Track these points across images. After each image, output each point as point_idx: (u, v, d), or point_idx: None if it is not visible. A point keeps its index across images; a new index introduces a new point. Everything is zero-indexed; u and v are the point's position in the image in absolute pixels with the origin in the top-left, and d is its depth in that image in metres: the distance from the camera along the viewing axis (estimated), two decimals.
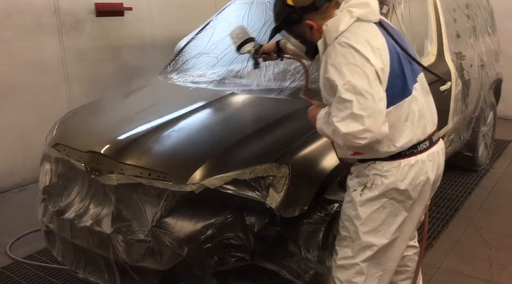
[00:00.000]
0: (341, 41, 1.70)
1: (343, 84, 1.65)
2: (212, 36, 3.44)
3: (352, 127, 1.64)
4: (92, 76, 4.90)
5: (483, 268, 2.94)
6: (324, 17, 1.80)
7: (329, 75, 1.70)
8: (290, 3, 1.83)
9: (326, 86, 1.77)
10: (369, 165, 1.88)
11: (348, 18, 1.74)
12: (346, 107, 1.65)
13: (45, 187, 2.61)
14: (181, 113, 2.57)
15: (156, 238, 2.07)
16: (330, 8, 1.81)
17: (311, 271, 2.10)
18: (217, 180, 2.04)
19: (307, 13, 1.82)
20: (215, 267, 2.04)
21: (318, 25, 1.82)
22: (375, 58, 1.69)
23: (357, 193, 1.90)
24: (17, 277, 2.96)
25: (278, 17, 1.90)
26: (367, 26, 1.78)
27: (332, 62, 1.70)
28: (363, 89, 1.64)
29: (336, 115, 1.68)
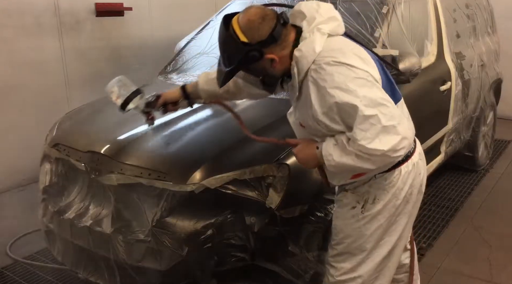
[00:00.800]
0: (329, 61, 1.58)
1: (360, 101, 1.52)
2: (212, 36, 3.44)
3: (390, 141, 1.51)
4: (92, 76, 4.90)
5: (483, 268, 2.94)
6: (283, 47, 1.65)
7: (338, 99, 1.55)
8: (245, 40, 1.61)
9: (332, 113, 1.60)
10: (369, 180, 1.79)
11: (319, 37, 1.63)
12: (373, 124, 1.51)
13: (45, 187, 2.61)
14: (181, 113, 2.57)
15: (156, 238, 2.07)
16: (287, 35, 1.66)
17: (311, 271, 2.11)
18: (217, 180, 2.04)
19: (266, 47, 1.62)
20: (215, 267, 2.04)
21: (279, 57, 1.65)
22: (370, 68, 1.62)
23: (358, 210, 1.81)
24: (17, 277, 2.96)
25: (233, 58, 1.65)
26: (340, 40, 1.69)
27: (333, 85, 1.56)
28: (380, 98, 1.55)
29: (364, 137, 1.52)
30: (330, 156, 1.63)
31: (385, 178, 1.77)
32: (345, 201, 1.86)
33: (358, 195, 1.81)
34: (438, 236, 3.30)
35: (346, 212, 1.85)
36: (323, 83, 1.58)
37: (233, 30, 1.63)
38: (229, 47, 1.67)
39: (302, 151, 1.77)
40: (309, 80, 1.62)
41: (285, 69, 1.69)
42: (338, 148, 1.61)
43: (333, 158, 1.62)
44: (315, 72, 1.60)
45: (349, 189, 1.85)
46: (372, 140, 1.51)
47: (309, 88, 1.62)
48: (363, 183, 1.80)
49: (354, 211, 1.82)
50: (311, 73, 1.61)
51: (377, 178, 1.78)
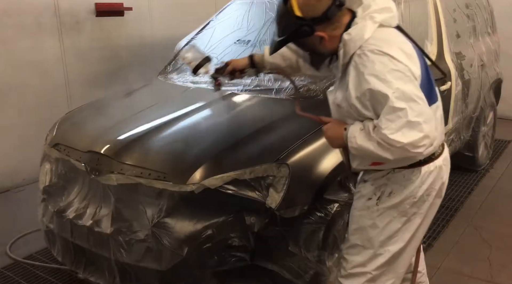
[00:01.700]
0: (373, 49, 1.62)
1: (393, 92, 1.55)
2: (212, 36, 3.44)
3: (411, 136, 1.54)
4: (92, 76, 4.90)
5: (483, 268, 2.94)
6: (335, 27, 1.71)
7: (372, 86, 1.59)
8: (299, 14, 1.68)
9: (364, 99, 1.64)
10: (388, 173, 1.81)
11: (371, 24, 1.67)
12: (400, 116, 1.54)
13: (45, 187, 2.61)
14: (181, 113, 2.57)
15: (156, 238, 2.07)
16: (341, 17, 1.71)
17: (311, 271, 2.11)
18: (217, 180, 2.04)
19: (318, 24, 1.69)
20: (215, 267, 2.04)
21: (329, 36, 1.71)
22: (412, 65, 1.64)
23: (373, 201, 1.84)
24: (17, 277, 2.96)
25: (285, 30, 1.75)
26: (390, 32, 1.72)
27: (372, 72, 1.60)
28: (413, 94, 1.57)
29: (388, 127, 1.55)
30: (354, 138, 1.67)
31: (403, 174, 1.79)
32: (363, 192, 1.88)
33: (376, 187, 1.84)
34: (438, 236, 3.30)
35: (362, 203, 1.88)
36: (362, 68, 1.62)
37: (290, 4, 1.70)
38: (283, 19, 1.75)
39: (331, 128, 1.82)
40: (352, 64, 1.67)
41: (334, 49, 1.74)
42: (363, 133, 1.65)
43: (356, 141, 1.66)
44: (359, 57, 1.64)
45: (368, 179, 1.88)
46: (395, 132, 1.55)
47: (350, 72, 1.68)
48: (382, 175, 1.83)
49: (369, 202, 1.85)
50: (355, 57, 1.66)
51: (396, 172, 1.80)
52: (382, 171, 1.82)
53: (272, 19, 3.19)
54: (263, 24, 3.19)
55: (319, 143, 2.23)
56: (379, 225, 1.83)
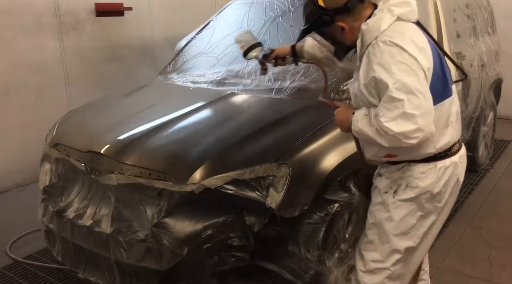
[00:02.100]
0: (386, 40, 1.67)
1: (394, 83, 1.61)
2: (212, 36, 3.44)
3: (404, 127, 1.60)
4: (92, 76, 4.90)
5: (483, 268, 2.94)
6: (356, 19, 1.78)
7: (376, 75, 1.66)
8: (322, 4, 1.77)
9: (370, 86, 1.72)
10: (402, 166, 1.85)
11: (389, 17, 1.72)
12: (397, 107, 1.61)
13: (45, 187, 2.61)
14: (181, 113, 2.57)
15: (156, 238, 2.07)
16: (363, 9, 1.78)
17: (311, 271, 2.10)
18: (217, 180, 2.04)
19: (339, 14, 1.77)
20: (215, 267, 2.04)
21: (349, 27, 1.79)
22: (421, 57, 1.67)
23: (389, 194, 1.87)
24: (17, 277, 2.96)
25: (308, 18, 1.84)
26: (407, 25, 1.76)
27: (379, 61, 1.66)
28: (414, 87, 1.61)
29: (385, 115, 1.63)
30: (357, 122, 1.75)
31: (418, 167, 1.82)
32: (379, 186, 1.92)
33: (391, 181, 1.88)
34: (438, 236, 3.30)
35: (379, 197, 1.92)
36: (372, 57, 1.69)
37: None
38: (307, 9, 1.84)
39: (340, 112, 1.90)
40: (365, 53, 1.73)
41: (354, 40, 1.79)
42: (366, 118, 1.73)
43: (358, 124, 1.75)
44: (372, 47, 1.70)
45: (384, 173, 1.91)
46: (390, 121, 1.61)
47: (363, 60, 1.75)
48: (397, 169, 1.86)
49: (385, 195, 1.88)
50: (369, 47, 1.72)
51: (410, 165, 1.83)
52: (397, 165, 1.86)
53: (272, 19, 3.19)
54: (263, 24, 3.19)
55: (319, 143, 2.23)
56: (394, 218, 1.86)
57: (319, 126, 2.31)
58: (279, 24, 3.13)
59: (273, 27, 3.13)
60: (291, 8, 3.18)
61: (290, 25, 3.07)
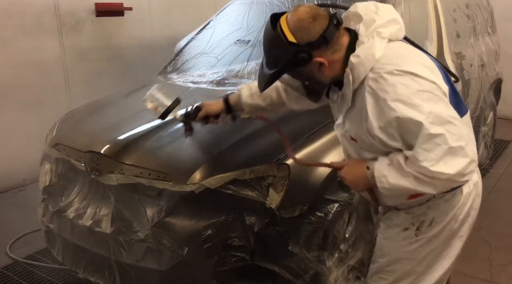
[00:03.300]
0: (392, 70, 1.41)
1: (426, 117, 1.36)
2: (212, 36, 3.44)
3: (457, 164, 1.36)
4: (92, 76, 4.90)
5: (483, 268, 2.94)
6: (334, 50, 1.50)
7: (400, 114, 1.38)
8: (293, 40, 1.47)
9: (390, 129, 1.44)
10: (427, 201, 1.63)
11: (379, 41, 1.47)
12: (438, 144, 1.35)
13: (45, 187, 2.61)
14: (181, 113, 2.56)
15: (156, 238, 2.07)
16: (340, 38, 1.51)
17: (311, 271, 2.11)
18: (217, 180, 2.04)
19: (316, 49, 1.48)
20: (215, 267, 2.04)
21: (329, 61, 1.50)
22: (436, 78, 1.44)
23: (411, 232, 1.66)
24: (17, 277, 2.96)
25: (278, 60, 1.52)
26: (401, 46, 1.54)
27: (395, 97, 1.39)
28: (447, 115, 1.38)
29: (426, 159, 1.36)
30: (384, 178, 1.47)
31: (446, 200, 1.62)
32: (396, 221, 1.70)
33: (413, 217, 1.66)
34: None
35: (397, 234, 1.69)
36: (383, 94, 1.41)
37: (281, 30, 1.50)
38: (275, 48, 1.53)
39: (350, 172, 1.62)
40: (366, 90, 1.46)
41: (334, 75, 1.54)
42: (393, 169, 1.46)
43: (388, 180, 1.47)
44: (374, 81, 1.44)
45: (402, 208, 1.69)
46: (437, 163, 1.36)
47: (365, 99, 1.46)
48: (420, 203, 1.64)
49: (406, 233, 1.67)
50: (368, 82, 1.45)
51: (437, 199, 1.62)
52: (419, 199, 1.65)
53: None
54: (263, 24, 3.18)
55: (319, 143, 2.23)
56: (418, 257, 1.68)
57: (319, 126, 2.31)
58: None
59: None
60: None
61: None
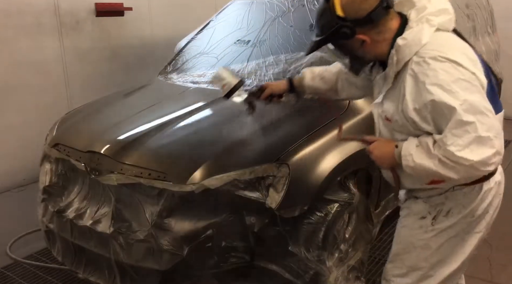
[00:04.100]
0: (436, 56, 1.46)
1: (460, 104, 1.40)
2: (212, 36, 3.44)
3: (482, 153, 1.40)
4: (92, 76, 4.90)
5: (483, 268, 2.94)
6: (379, 31, 1.57)
7: (436, 97, 1.43)
8: (341, 14, 1.54)
9: (425, 111, 1.49)
10: (446, 190, 1.67)
11: (428, 28, 1.53)
12: (468, 131, 1.40)
13: (45, 187, 2.61)
14: (181, 113, 2.57)
15: (156, 238, 2.07)
16: (388, 20, 1.57)
17: (311, 271, 2.11)
18: (217, 180, 2.04)
19: (360, 26, 1.55)
20: (215, 267, 2.04)
21: (372, 40, 1.57)
22: (477, 71, 1.48)
23: (427, 221, 1.70)
24: (17, 277, 2.96)
25: (324, 29, 1.60)
26: (449, 36, 1.58)
27: (435, 82, 1.44)
28: (482, 106, 1.42)
29: (454, 143, 1.41)
30: (410, 156, 1.52)
31: (464, 193, 1.65)
32: (414, 210, 1.75)
33: (431, 205, 1.70)
34: None
35: (413, 222, 1.74)
36: (423, 78, 1.47)
37: (333, 2, 1.56)
38: (323, 18, 1.61)
39: (378, 148, 1.66)
40: (408, 72, 1.52)
41: (377, 55, 1.62)
42: (420, 149, 1.51)
43: (413, 159, 1.51)
44: (417, 65, 1.49)
45: (421, 197, 1.73)
46: (463, 149, 1.40)
47: (406, 81, 1.52)
48: (439, 193, 1.68)
49: (423, 221, 1.71)
50: (411, 65, 1.51)
51: (455, 190, 1.66)
52: (439, 189, 1.68)
53: (272, 19, 3.19)
54: (263, 24, 3.19)
55: (319, 143, 2.23)
56: (432, 246, 1.71)
57: (319, 127, 2.31)
58: (279, 24, 3.13)
59: (273, 27, 3.13)
60: (291, 8, 3.18)
61: (290, 25, 3.07)
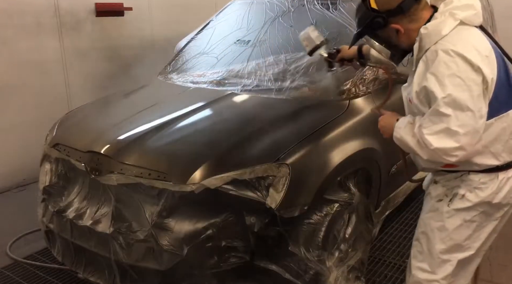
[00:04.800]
0: (447, 49, 1.58)
1: (443, 97, 1.54)
2: (212, 36, 3.44)
3: (445, 143, 1.55)
4: (92, 76, 4.91)
5: (483, 268, 2.93)
6: (411, 20, 1.70)
7: (428, 85, 1.59)
8: (374, 6, 1.71)
9: (421, 95, 1.66)
10: (461, 175, 1.76)
11: (451, 21, 1.63)
12: (442, 121, 1.55)
13: (45, 187, 2.61)
14: (181, 113, 2.57)
15: (156, 238, 2.07)
16: (419, 10, 1.70)
17: (311, 271, 2.10)
18: (217, 180, 2.04)
19: (393, 16, 1.70)
20: (215, 267, 2.04)
21: (405, 29, 1.71)
22: (486, 67, 1.57)
23: (444, 202, 1.79)
24: (17, 277, 2.95)
25: (361, 22, 1.78)
26: (470, 31, 1.66)
27: (433, 71, 1.59)
28: (464, 105, 1.54)
29: (428, 127, 1.58)
30: (399, 129, 1.71)
31: (479, 177, 1.73)
32: (433, 193, 1.85)
33: (448, 189, 1.80)
34: None
35: (432, 205, 1.84)
36: (429, 65, 1.61)
37: None
38: (360, 11, 1.78)
39: (384, 118, 1.86)
40: (423, 58, 1.66)
41: (410, 43, 1.73)
42: (409, 126, 1.68)
43: (400, 132, 1.70)
44: (431, 53, 1.62)
45: (440, 181, 1.84)
46: (432, 134, 1.57)
47: (419, 65, 1.67)
48: (455, 177, 1.78)
49: (440, 203, 1.80)
50: (427, 53, 1.64)
51: (470, 175, 1.74)
52: (456, 172, 1.78)
53: (272, 19, 3.19)
54: (263, 24, 3.19)
55: (319, 143, 2.23)
56: (448, 228, 1.78)
57: (319, 127, 2.31)
58: (279, 24, 3.13)
59: (273, 27, 3.13)
60: (291, 8, 3.18)
61: (290, 25, 3.07)
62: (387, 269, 2.90)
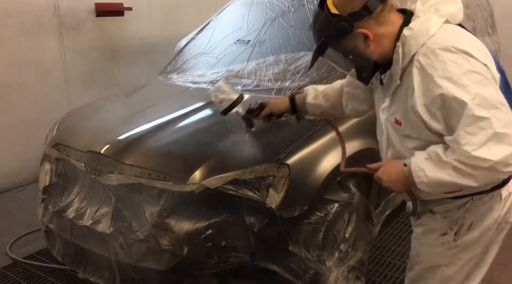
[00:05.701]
0: (446, 46, 1.36)
1: (472, 98, 1.28)
2: (212, 36, 3.44)
3: (501, 152, 1.26)
4: (92, 76, 4.91)
5: None
6: (380, 23, 1.46)
7: (445, 91, 1.32)
8: (335, 11, 1.46)
9: (434, 107, 1.37)
10: (464, 203, 1.54)
11: (436, 18, 1.43)
12: (483, 128, 1.27)
13: (45, 187, 2.61)
14: (181, 113, 2.57)
15: (156, 238, 2.07)
16: (386, 11, 1.47)
17: (311, 271, 2.11)
18: (217, 180, 2.04)
19: (358, 20, 1.45)
20: (215, 267, 2.04)
21: (374, 34, 1.46)
22: (488, 63, 1.38)
23: (449, 237, 1.58)
24: (17, 277, 2.96)
25: (321, 31, 1.51)
26: (457, 28, 1.48)
27: (444, 74, 1.33)
28: (496, 100, 1.30)
29: (469, 143, 1.28)
30: (421, 172, 1.38)
31: (484, 202, 1.53)
32: (433, 226, 1.61)
33: (451, 221, 1.57)
34: None
35: (434, 239, 1.62)
36: (431, 70, 1.36)
37: (326, 5, 1.49)
38: (319, 21, 1.52)
39: (386, 172, 1.51)
40: (414, 65, 1.41)
41: (382, 52, 1.48)
42: (431, 162, 1.37)
43: (425, 173, 1.37)
44: (424, 56, 1.39)
45: (438, 212, 1.60)
46: (480, 147, 1.27)
47: (413, 75, 1.41)
48: (457, 207, 1.55)
49: (444, 238, 1.59)
50: (418, 57, 1.40)
51: (475, 201, 1.53)
52: (457, 201, 1.55)
53: (272, 19, 3.19)
54: (263, 24, 3.19)
55: (319, 143, 2.23)
56: (457, 263, 1.61)
57: (319, 127, 2.31)
58: (279, 24, 3.13)
59: (273, 27, 3.13)
60: (291, 8, 3.18)
61: (290, 25, 3.07)
62: (387, 269, 2.90)
